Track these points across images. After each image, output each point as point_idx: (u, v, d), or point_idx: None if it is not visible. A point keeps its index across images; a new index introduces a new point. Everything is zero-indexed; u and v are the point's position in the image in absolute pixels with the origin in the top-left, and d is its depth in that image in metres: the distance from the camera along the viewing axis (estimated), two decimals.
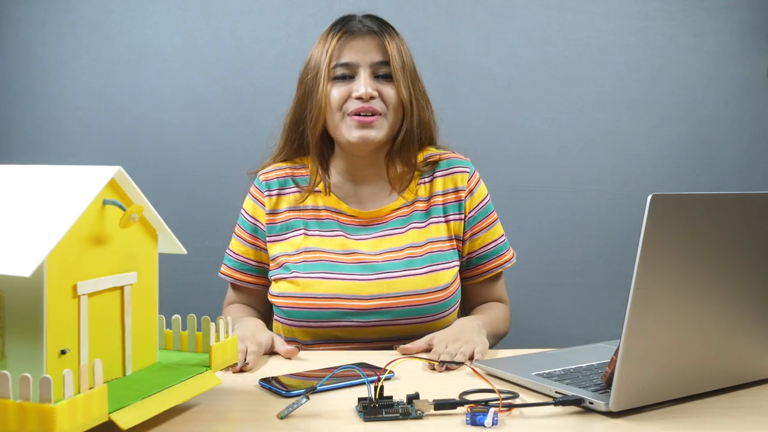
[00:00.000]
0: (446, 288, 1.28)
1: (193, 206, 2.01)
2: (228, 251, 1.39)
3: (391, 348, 1.27)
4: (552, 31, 2.04)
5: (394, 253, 1.29)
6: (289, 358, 1.11)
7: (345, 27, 1.31)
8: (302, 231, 1.32)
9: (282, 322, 1.30)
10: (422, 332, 1.26)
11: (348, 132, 1.27)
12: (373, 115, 1.26)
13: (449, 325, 1.33)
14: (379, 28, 1.31)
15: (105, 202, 0.78)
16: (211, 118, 2.02)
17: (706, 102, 2.08)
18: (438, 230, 1.33)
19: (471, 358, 1.06)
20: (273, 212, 1.34)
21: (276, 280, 1.31)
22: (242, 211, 1.38)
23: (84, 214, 0.74)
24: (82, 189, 0.75)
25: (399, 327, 1.26)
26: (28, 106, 2.01)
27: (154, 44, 2.01)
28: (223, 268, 1.39)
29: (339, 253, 1.29)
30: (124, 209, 0.79)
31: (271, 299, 1.32)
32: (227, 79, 2.01)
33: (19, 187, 0.78)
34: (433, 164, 1.37)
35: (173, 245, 0.89)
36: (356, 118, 1.26)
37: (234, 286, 1.40)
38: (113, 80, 2.01)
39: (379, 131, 1.27)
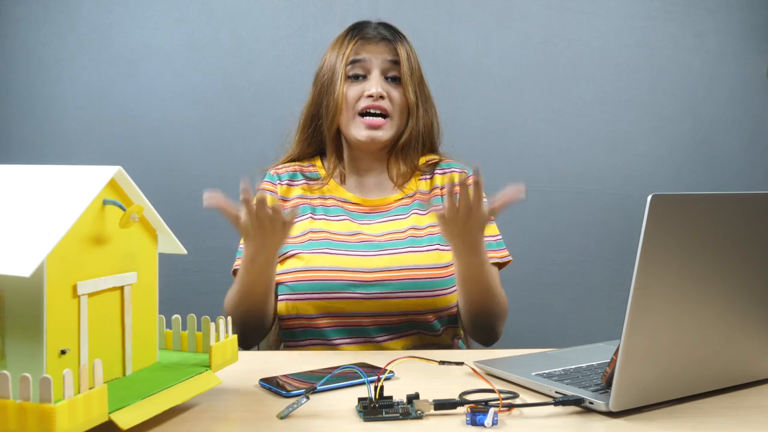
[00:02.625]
0: (448, 266, 1.30)
1: (193, 206, 2.00)
2: (243, 246, 1.37)
3: (392, 328, 1.28)
4: (552, 31, 2.04)
5: (396, 234, 1.34)
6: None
7: (361, 33, 1.40)
8: (309, 216, 1.37)
9: (286, 299, 1.31)
10: (425, 308, 1.29)
11: (357, 131, 1.36)
12: (382, 116, 1.35)
13: (452, 304, 1.33)
14: (392, 35, 1.40)
15: (105, 202, 0.78)
16: (211, 118, 2.02)
17: (706, 102, 2.08)
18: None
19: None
20: (283, 199, 1.40)
21: (281, 260, 1.33)
22: None
23: (84, 214, 0.74)
24: (82, 189, 0.75)
25: (401, 300, 1.28)
26: (28, 106, 2.01)
27: (154, 44, 2.01)
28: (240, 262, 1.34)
29: (344, 234, 1.34)
30: (124, 209, 0.79)
31: (276, 278, 1.32)
32: (227, 79, 2.01)
33: (19, 187, 0.78)
34: (434, 165, 1.44)
35: (173, 245, 0.89)
36: (366, 119, 1.35)
37: None
38: (113, 80, 2.01)
39: (386, 132, 1.36)
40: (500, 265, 1.38)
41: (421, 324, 1.31)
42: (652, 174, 2.07)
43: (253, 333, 1.30)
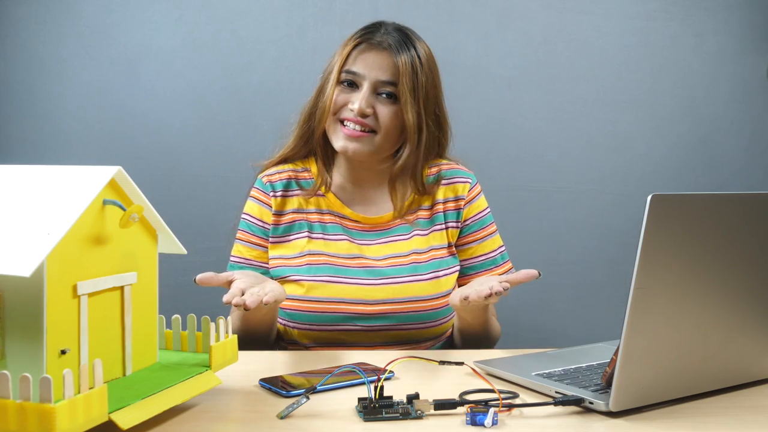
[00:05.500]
0: (448, 294, 1.28)
1: (193, 206, 2.01)
2: (234, 259, 1.34)
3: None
4: (552, 31, 2.04)
5: (398, 259, 1.30)
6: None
7: (366, 36, 1.29)
8: (306, 234, 1.31)
9: (283, 325, 1.30)
10: (424, 337, 1.28)
11: (336, 139, 1.28)
12: (363, 130, 1.26)
13: (450, 328, 1.33)
14: (399, 45, 1.28)
15: (105, 202, 0.78)
16: (211, 118, 2.02)
17: (706, 102, 2.08)
18: (440, 237, 1.34)
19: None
20: (278, 213, 1.33)
21: (280, 282, 1.29)
22: (246, 216, 1.35)
23: (84, 214, 0.74)
24: (82, 189, 0.75)
25: (402, 332, 1.27)
26: (28, 106, 2.01)
27: (154, 44, 2.01)
28: None
29: (344, 257, 1.29)
30: (124, 209, 0.79)
31: None
32: (227, 79, 2.01)
33: (19, 187, 0.78)
34: (437, 179, 1.36)
35: (173, 245, 0.89)
36: (344, 129, 1.26)
37: None
38: (113, 80, 2.01)
39: (364, 146, 1.27)
40: None
41: (420, 351, 1.30)
42: (652, 174, 2.07)
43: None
